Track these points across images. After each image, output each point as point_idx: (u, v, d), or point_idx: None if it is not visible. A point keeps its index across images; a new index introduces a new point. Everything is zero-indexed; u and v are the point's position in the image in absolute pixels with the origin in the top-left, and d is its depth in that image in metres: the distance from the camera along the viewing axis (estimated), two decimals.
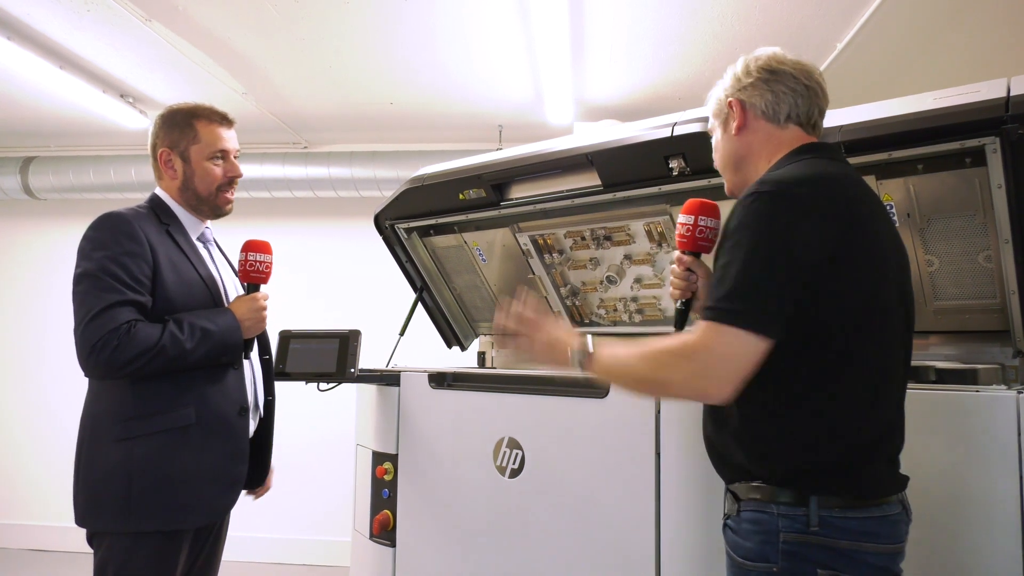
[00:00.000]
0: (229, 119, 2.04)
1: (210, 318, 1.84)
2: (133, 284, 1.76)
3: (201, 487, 1.81)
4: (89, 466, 1.79)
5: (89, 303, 1.73)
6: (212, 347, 1.81)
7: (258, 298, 1.96)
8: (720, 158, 1.51)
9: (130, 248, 1.78)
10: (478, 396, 2.21)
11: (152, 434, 1.77)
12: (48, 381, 5.08)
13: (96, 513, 1.79)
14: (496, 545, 2.12)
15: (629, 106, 4.13)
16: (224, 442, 1.87)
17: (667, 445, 1.84)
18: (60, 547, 4.96)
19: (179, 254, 1.89)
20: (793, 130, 1.41)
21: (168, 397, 1.80)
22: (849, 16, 3.03)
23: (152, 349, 1.72)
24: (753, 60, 1.44)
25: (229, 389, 1.89)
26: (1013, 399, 1.49)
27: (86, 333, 1.71)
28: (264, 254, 1.97)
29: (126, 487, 1.74)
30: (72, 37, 3.38)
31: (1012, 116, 1.52)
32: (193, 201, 1.98)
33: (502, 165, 2.38)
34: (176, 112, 1.98)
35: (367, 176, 4.50)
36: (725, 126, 1.47)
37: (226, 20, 3.22)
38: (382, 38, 3.38)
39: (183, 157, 1.95)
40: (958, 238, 1.81)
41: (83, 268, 1.79)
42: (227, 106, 2.02)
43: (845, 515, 1.21)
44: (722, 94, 1.47)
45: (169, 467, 1.77)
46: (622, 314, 2.65)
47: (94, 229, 1.84)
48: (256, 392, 2.04)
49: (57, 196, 4.86)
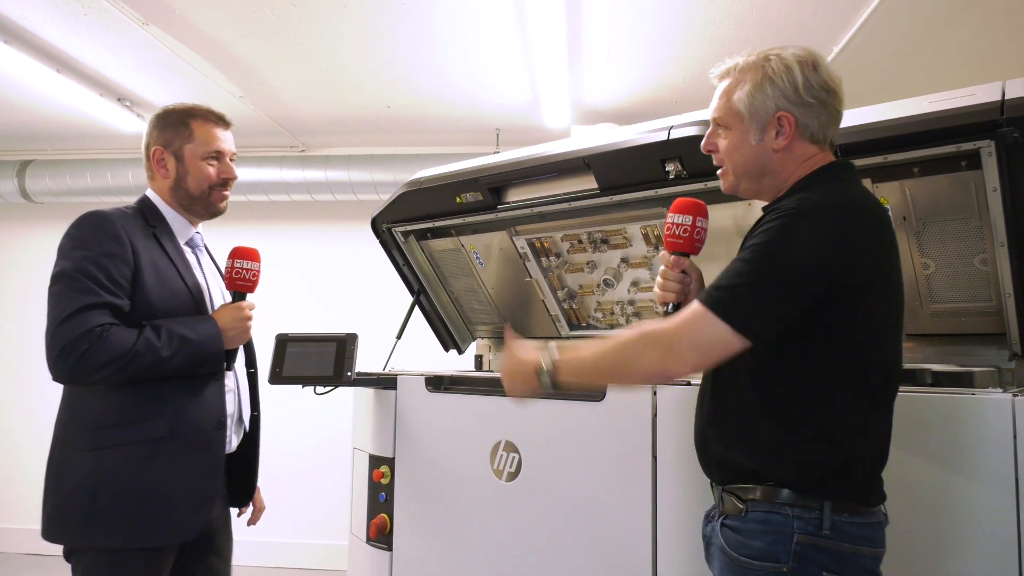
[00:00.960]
0: (226, 120, 1.98)
1: (190, 325, 1.76)
2: (110, 286, 1.68)
3: (171, 503, 1.71)
4: (57, 476, 1.72)
5: (62, 304, 1.65)
6: (190, 356, 1.73)
7: (243, 307, 1.88)
8: (742, 163, 1.40)
9: (110, 248, 1.70)
10: (475, 399, 2.20)
11: (122, 445, 1.69)
12: (46, 384, 4.98)
13: (60, 526, 1.71)
14: (493, 549, 2.11)
15: (626, 109, 4.13)
16: (198, 456, 1.77)
17: (664, 448, 1.84)
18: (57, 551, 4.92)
19: (164, 258, 1.81)
20: (826, 150, 1.39)
21: (141, 407, 1.71)
22: (846, 19, 3.04)
23: (125, 355, 1.64)
24: (812, 71, 1.32)
25: (208, 401, 1.80)
26: (1009, 402, 1.49)
27: (56, 335, 1.63)
28: (252, 262, 1.91)
29: (91, 500, 1.66)
30: (69, 41, 3.38)
31: (1007, 119, 1.52)
32: (185, 201, 1.91)
33: (499, 168, 2.38)
34: (172, 111, 1.92)
35: (364, 179, 4.50)
36: (763, 134, 1.35)
37: (223, 23, 3.22)
38: (380, 41, 3.38)
39: (176, 156, 1.88)
40: (954, 241, 1.81)
41: (60, 267, 1.70)
42: (224, 109, 2.01)
43: (852, 520, 1.26)
44: (771, 101, 1.32)
45: (138, 480, 1.68)
46: (619, 317, 2.65)
47: (75, 227, 1.75)
48: (240, 406, 1.96)
49: (54, 200, 4.86)
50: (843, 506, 1.26)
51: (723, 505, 1.37)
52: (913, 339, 2.02)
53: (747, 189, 1.44)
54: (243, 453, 2.00)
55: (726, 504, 1.36)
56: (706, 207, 1.57)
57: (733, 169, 1.42)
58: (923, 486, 1.55)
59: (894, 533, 1.36)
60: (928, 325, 1.98)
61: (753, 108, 1.35)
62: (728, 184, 1.45)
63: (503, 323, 2.97)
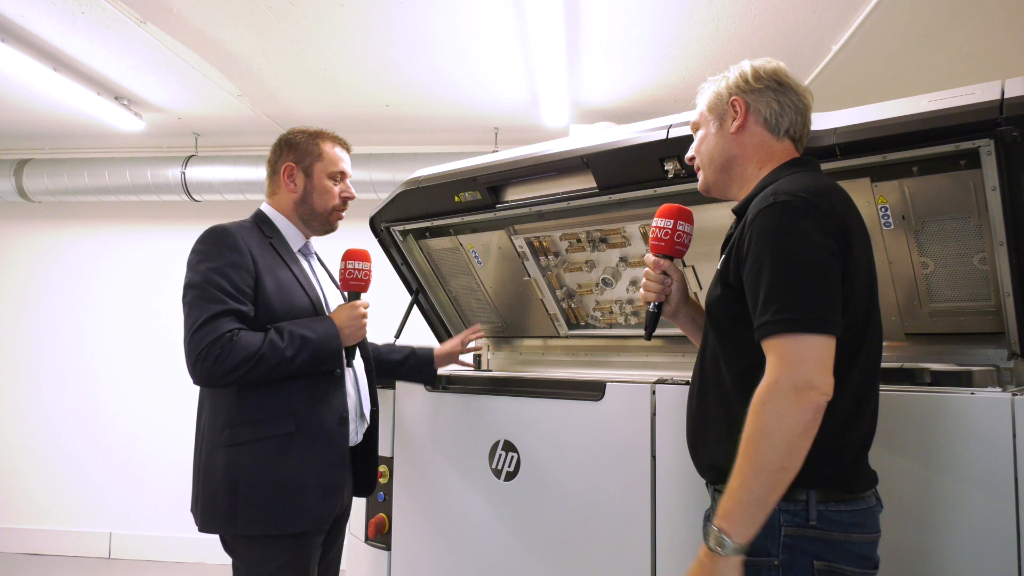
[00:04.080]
0: (348, 145, 2.17)
1: (310, 326, 1.88)
2: (235, 294, 1.82)
3: (303, 493, 1.84)
4: (204, 472, 1.86)
5: (195, 314, 1.79)
6: (312, 354, 1.85)
7: (358, 306, 2.00)
8: (707, 153, 1.51)
9: (233, 259, 1.85)
10: (473, 399, 2.20)
11: (256, 441, 1.83)
12: (43, 384, 5.07)
13: (209, 517, 1.84)
14: (492, 548, 2.11)
15: (625, 108, 4.13)
16: (324, 450, 1.89)
17: (662, 447, 1.84)
18: (55, 551, 4.95)
19: (281, 265, 1.95)
20: (787, 144, 1.45)
21: (270, 406, 1.85)
22: (844, 19, 3.03)
23: (254, 357, 1.77)
24: (762, 67, 1.45)
25: (329, 399, 1.92)
26: (1008, 401, 1.49)
27: (192, 343, 1.77)
28: (363, 262, 2.03)
29: (234, 491, 1.80)
30: (66, 39, 3.37)
31: (1006, 118, 1.52)
32: (307, 215, 2.07)
33: (498, 167, 2.38)
34: (301, 132, 2.10)
35: (363, 179, 4.49)
36: (721, 123, 1.48)
37: (221, 22, 3.21)
38: (378, 40, 3.38)
39: (306, 172, 2.05)
40: (953, 240, 1.81)
41: (189, 279, 1.86)
42: (222, 108, 2.03)
43: (839, 508, 1.28)
44: (725, 91, 1.47)
45: (272, 473, 1.82)
46: (617, 316, 2.65)
47: (200, 242, 1.90)
48: (361, 401, 2.08)
49: (52, 199, 4.84)
50: (829, 495, 1.27)
51: (715, 504, 1.38)
52: (912, 338, 2.02)
53: (716, 183, 1.52)
54: (366, 445, 2.12)
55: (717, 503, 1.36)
56: (690, 212, 1.62)
57: (702, 164, 1.54)
58: (922, 485, 1.55)
59: (893, 533, 1.37)
60: (927, 324, 1.98)
61: (712, 103, 1.50)
62: (701, 181, 1.56)
63: (502, 323, 2.97)
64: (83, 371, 5.06)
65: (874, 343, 1.35)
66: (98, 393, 5.02)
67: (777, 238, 1.25)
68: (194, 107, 4.20)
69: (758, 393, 1.21)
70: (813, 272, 1.23)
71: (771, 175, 1.41)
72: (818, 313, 1.21)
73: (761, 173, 1.43)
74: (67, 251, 5.14)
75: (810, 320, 1.20)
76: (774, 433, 1.17)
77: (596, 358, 2.79)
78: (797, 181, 1.32)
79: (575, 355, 2.85)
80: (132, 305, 5.10)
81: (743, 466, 1.19)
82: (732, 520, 1.20)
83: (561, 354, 2.90)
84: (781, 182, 1.34)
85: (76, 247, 5.12)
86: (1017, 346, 1.80)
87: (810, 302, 1.21)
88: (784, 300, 1.22)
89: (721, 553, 1.20)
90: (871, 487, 1.35)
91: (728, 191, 1.53)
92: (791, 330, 1.20)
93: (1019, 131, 1.52)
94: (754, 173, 1.45)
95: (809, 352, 1.19)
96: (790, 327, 1.20)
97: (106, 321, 5.10)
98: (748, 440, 1.19)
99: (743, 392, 1.28)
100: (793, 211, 1.25)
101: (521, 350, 3.04)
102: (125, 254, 5.14)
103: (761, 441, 1.18)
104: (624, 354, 2.71)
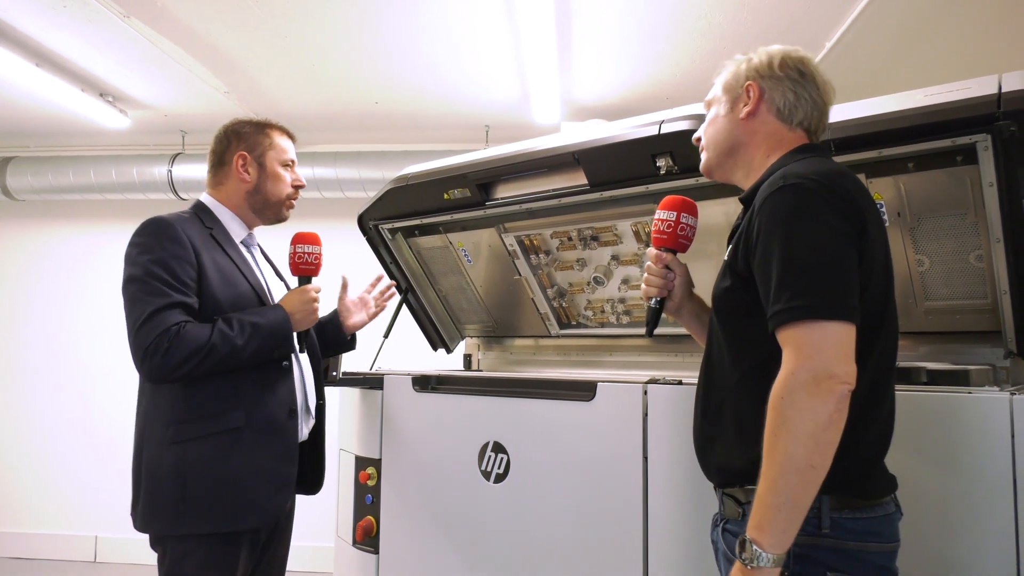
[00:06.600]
0: (294, 135, 2.15)
1: (259, 313, 1.86)
2: (179, 286, 1.78)
3: (253, 489, 1.82)
4: (146, 470, 1.81)
5: (139, 308, 1.76)
6: (263, 341, 1.82)
7: (308, 290, 1.98)
8: (714, 135, 1.45)
9: (174, 251, 1.80)
10: (463, 399, 2.17)
11: (204, 436, 1.79)
12: (31, 384, 5.01)
13: (153, 516, 1.80)
14: (481, 551, 2.08)
15: (617, 106, 4.10)
16: (274, 444, 1.87)
17: (654, 448, 1.81)
18: (45, 555, 4.89)
19: (224, 257, 1.91)
20: (799, 133, 1.39)
21: (218, 400, 1.81)
22: (839, 13, 3.02)
23: (204, 348, 1.73)
24: (788, 55, 1.38)
25: (278, 391, 1.89)
26: (1005, 400, 1.47)
27: (138, 338, 1.74)
28: (313, 245, 2.02)
29: (180, 489, 1.76)
30: (48, 34, 3.32)
31: (1004, 113, 1.50)
32: (259, 205, 2.04)
33: (488, 164, 2.35)
34: (247, 123, 2.07)
35: (352, 177, 4.45)
36: (733, 106, 1.42)
37: (207, 17, 3.16)
38: (367, 36, 3.34)
39: (259, 162, 2.02)
40: (949, 237, 1.79)
41: (129, 273, 1.82)
42: (209, 105, 2.02)
43: (854, 516, 1.20)
44: (743, 74, 1.41)
45: (222, 469, 1.78)
46: (609, 315, 2.62)
47: (139, 234, 1.85)
48: (306, 394, 2.04)
49: (36, 197, 4.78)
50: (842, 501, 1.19)
51: (724, 509, 1.34)
52: (907, 337, 1.99)
53: (720, 165, 1.47)
54: (312, 441, 2.09)
55: (726, 508, 1.33)
56: (694, 204, 1.55)
57: (706, 144, 1.48)
58: (920, 485, 1.52)
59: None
60: (922, 323, 1.95)
61: (728, 83, 1.44)
62: (703, 162, 1.50)
63: (492, 322, 2.94)
64: (71, 370, 4.99)
65: (890, 335, 1.27)
66: (86, 393, 4.94)
67: (789, 222, 1.19)
68: (180, 104, 4.16)
69: (776, 388, 1.13)
70: (828, 256, 1.16)
71: (780, 161, 1.34)
72: (835, 299, 1.13)
73: (769, 161, 1.37)
74: (54, 250, 5.08)
75: (827, 306, 1.13)
76: (797, 428, 1.09)
77: (588, 358, 2.77)
78: (808, 165, 1.26)
79: (566, 355, 2.82)
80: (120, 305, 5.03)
81: (768, 469, 1.11)
82: (764, 529, 1.11)
83: (552, 354, 2.87)
84: (791, 166, 1.27)
85: (63, 246, 5.06)
86: (1014, 344, 1.78)
87: (826, 287, 1.14)
88: (798, 286, 1.14)
89: (756, 567, 1.11)
90: (889, 493, 1.27)
91: (732, 176, 1.46)
92: (807, 317, 1.13)
93: (1017, 126, 1.50)
94: (761, 161, 1.38)
95: (827, 340, 1.12)
96: (806, 314, 1.13)
97: (94, 320, 5.02)
98: (770, 439, 1.12)
99: (752, 390, 1.23)
100: (805, 193, 1.19)
101: (512, 350, 3.01)
102: (113, 253, 5.05)
103: (784, 438, 1.10)
104: (616, 354, 2.68)
